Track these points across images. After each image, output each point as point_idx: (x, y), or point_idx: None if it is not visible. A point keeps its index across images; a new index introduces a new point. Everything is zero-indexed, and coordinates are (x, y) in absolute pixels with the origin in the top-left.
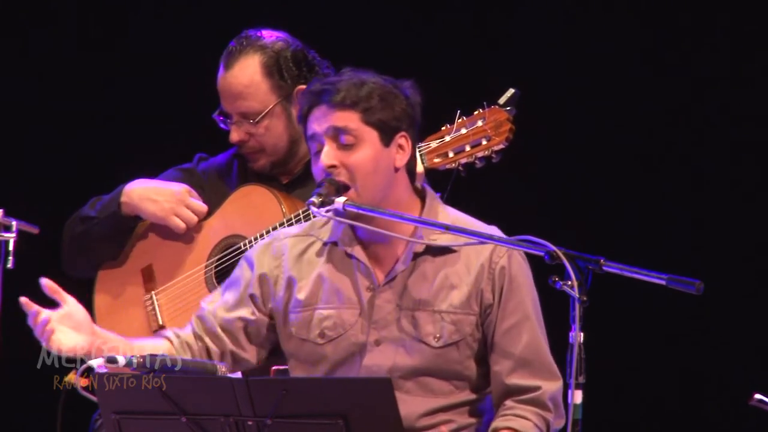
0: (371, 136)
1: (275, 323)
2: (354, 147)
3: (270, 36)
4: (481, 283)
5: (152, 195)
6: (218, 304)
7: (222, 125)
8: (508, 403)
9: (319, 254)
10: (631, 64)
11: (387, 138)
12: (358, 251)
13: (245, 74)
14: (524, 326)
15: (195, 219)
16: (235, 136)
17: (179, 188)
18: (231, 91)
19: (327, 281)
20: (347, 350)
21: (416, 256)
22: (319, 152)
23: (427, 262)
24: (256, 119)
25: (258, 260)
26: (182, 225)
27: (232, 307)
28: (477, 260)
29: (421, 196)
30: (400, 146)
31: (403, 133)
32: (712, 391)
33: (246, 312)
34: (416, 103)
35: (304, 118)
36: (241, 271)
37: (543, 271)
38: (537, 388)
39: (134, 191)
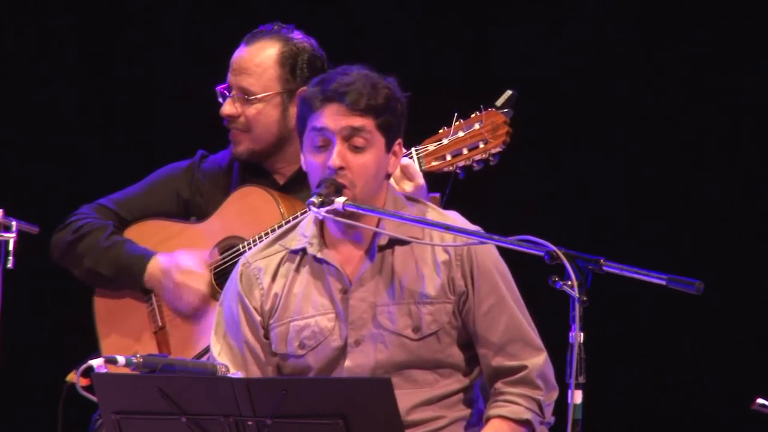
0: (380, 142)
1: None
2: (363, 150)
3: (298, 35)
4: (451, 270)
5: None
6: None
7: (219, 98)
8: (498, 386)
9: (289, 264)
10: (628, 63)
11: (389, 144)
12: (327, 254)
13: (260, 54)
14: (501, 307)
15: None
16: (226, 108)
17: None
18: (240, 64)
19: (299, 291)
20: (328, 356)
21: (380, 249)
22: (322, 147)
23: (394, 254)
24: (252, 98)
25: (246, 295)
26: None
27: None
28: (442, 248)
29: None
30: (395, 153)
31: (400, 140)
32: (714, 395)
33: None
34: (405, 104)
35: (310, 111)
36: (240, 317)
37: (543, 271)
38: (523, 368)
39: (155, 279)
